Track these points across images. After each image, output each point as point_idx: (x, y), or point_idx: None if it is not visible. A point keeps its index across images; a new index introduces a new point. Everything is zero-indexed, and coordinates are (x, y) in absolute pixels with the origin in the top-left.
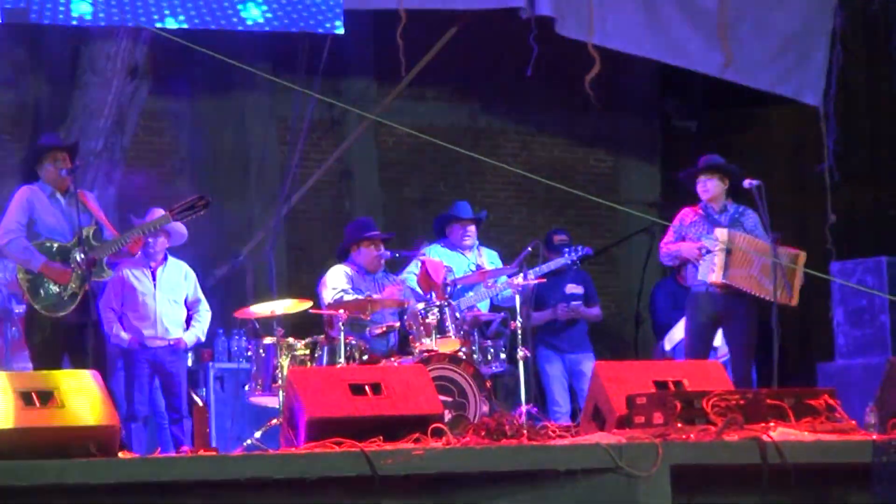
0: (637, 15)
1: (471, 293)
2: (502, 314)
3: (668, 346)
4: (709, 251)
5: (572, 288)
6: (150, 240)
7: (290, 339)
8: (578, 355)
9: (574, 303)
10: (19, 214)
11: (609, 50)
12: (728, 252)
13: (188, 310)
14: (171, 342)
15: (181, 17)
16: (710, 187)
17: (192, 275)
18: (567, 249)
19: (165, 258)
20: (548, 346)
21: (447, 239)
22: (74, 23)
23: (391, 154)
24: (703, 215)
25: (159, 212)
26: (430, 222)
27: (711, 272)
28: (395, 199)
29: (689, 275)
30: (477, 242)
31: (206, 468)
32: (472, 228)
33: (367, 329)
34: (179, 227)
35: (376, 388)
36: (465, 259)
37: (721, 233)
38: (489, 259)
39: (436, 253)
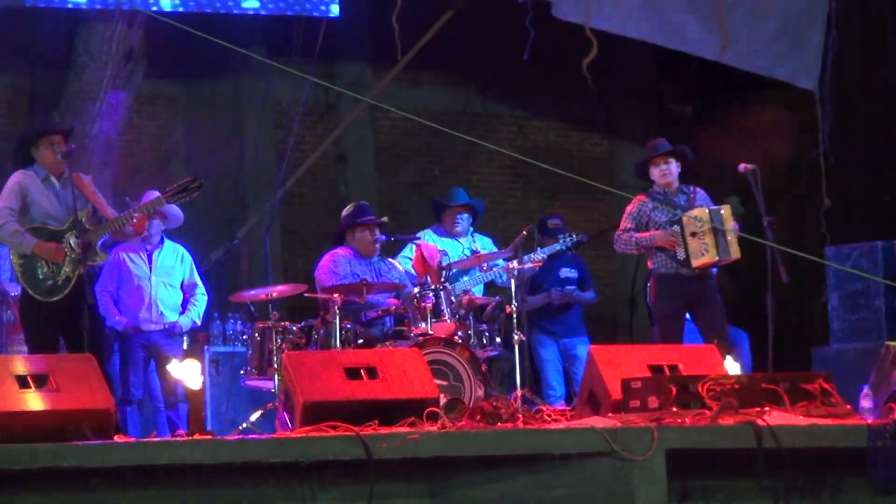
0: None
1: (466, 277)
2: (497, 298)
3: None
4: (694, 234)
5: (567, 272)
6: (146, 222)
7: (286, 323)
8: (573, 339)
9: (568, 287)
10: (11, 200)
11: (605, 33)
12: (714, 230)
13: (184, 293)
14: (167, 325)
15: (176, 1)
16: (671, 171)
17: (189, 258)
18: (561, 234)
19: (162, 241)
20: (542, 330)
21: (441, 224)
22: (70, 6)
23: (386, 138)
24: (663, 200)
25: (154, 194)
26: (425, 206)
27: (705, 253)
28: (391, 182)
29: (654, 258)
30: (471, 229)
31: (201, 452)
32: (463, 216)
33: (363, 313)
34: (175, 210)
35: (372, 372)
36: (458, 244)
37: (702, 212)
38: (483, 245)
39: (430, 237)
